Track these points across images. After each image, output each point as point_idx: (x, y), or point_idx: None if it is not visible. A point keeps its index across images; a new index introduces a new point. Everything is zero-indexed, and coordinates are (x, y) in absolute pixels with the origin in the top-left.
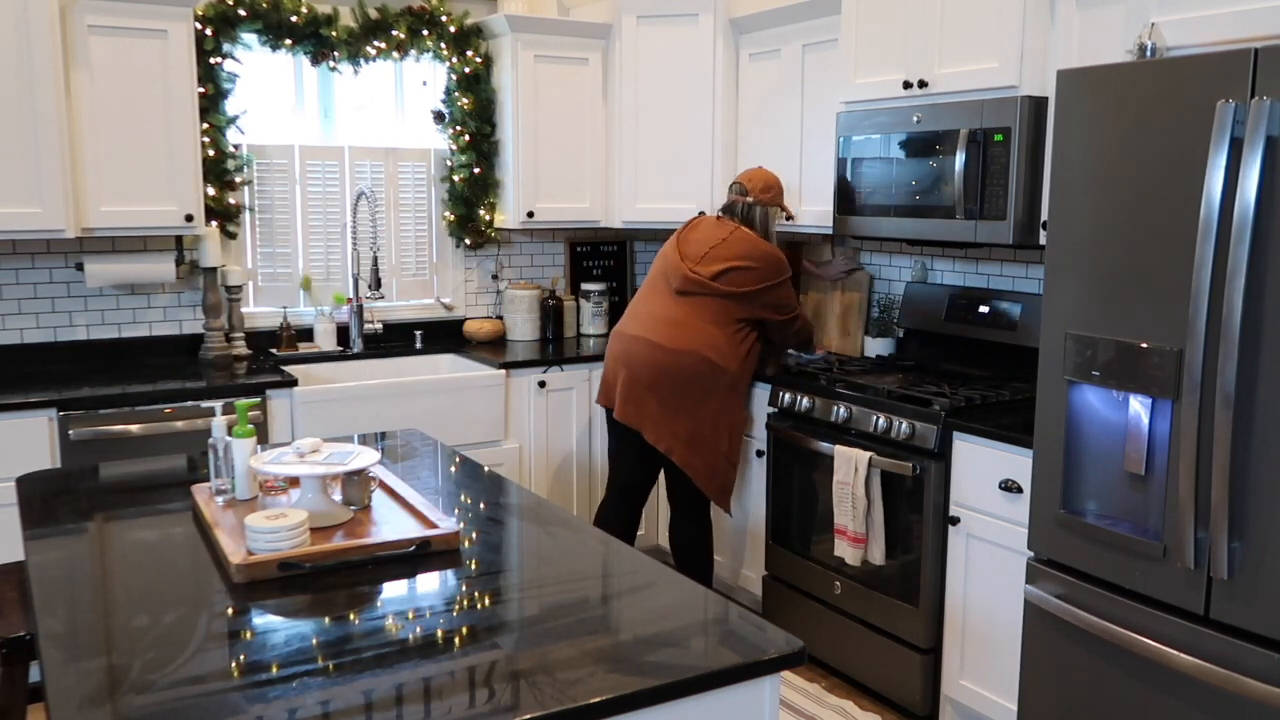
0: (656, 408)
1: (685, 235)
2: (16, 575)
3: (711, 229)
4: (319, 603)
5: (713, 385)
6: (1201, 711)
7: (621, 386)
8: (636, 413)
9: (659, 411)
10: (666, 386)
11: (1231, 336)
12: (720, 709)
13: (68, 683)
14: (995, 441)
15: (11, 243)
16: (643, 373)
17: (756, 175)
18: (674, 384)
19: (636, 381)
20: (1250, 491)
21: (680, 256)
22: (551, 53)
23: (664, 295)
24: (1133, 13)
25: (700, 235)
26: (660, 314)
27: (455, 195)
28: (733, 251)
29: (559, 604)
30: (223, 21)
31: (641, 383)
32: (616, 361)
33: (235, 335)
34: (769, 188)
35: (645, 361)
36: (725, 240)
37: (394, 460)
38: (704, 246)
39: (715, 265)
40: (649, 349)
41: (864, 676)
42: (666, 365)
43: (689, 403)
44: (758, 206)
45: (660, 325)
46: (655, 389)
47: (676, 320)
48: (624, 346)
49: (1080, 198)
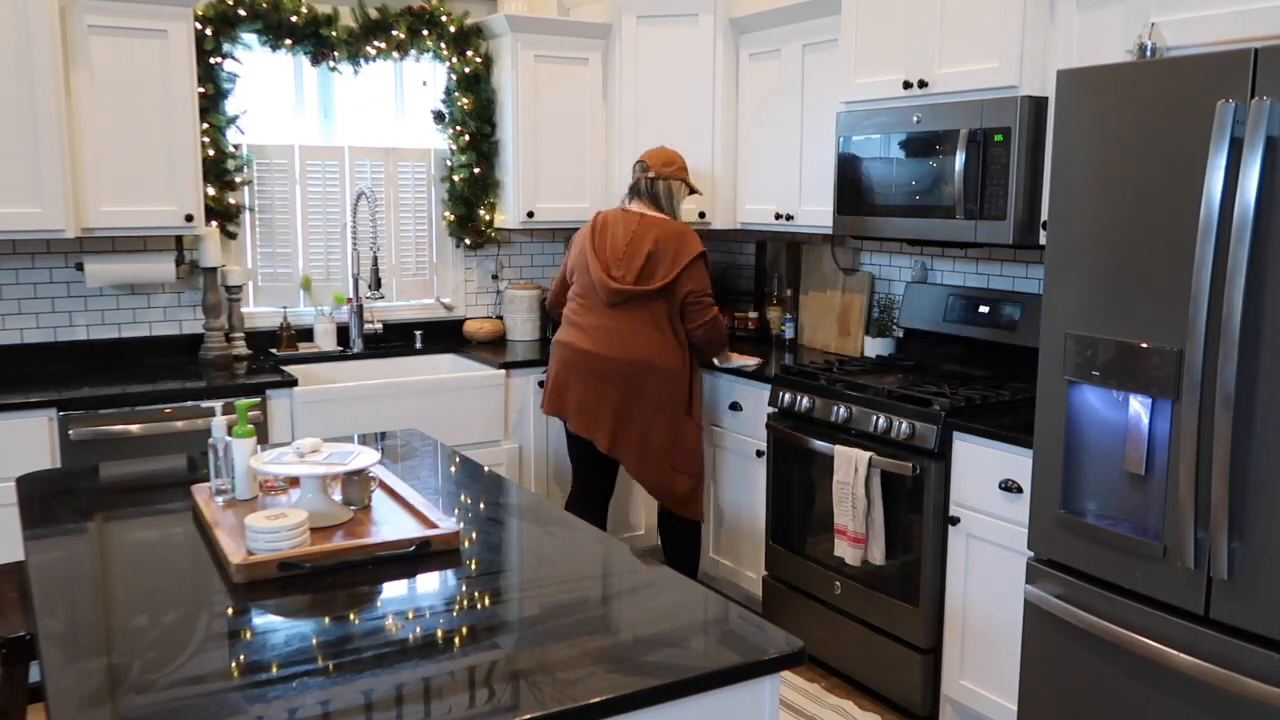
0: (610, 419)
1: (598, 241)
2: (16, 575)
3: (619, 227)
4: (319, 603)
5: (660, 391)
6: (1201, 711)
7: (574, 399)
8: (591, 424)
9: (612, 423)
10: (616, 397)
11: (1231, 336)
12: (720, 709)
13: (68, 683)
14: (995, 441)
15: (11, 243)
16: (592, 385)
17: (658, 152)
18: (623, 394)
19: (588, 394)
20: (1250, 491)
21: (599, 267)
22: (551, 53)
23: (598, 306)
24: (1133, 13)
25: (611, 237)
26: (599, 324)
27: (455, 195)
28: (644, 242)
29: (559, 604)
30: (223, 21)
31: (593, 395)
32: (566, 372)
33: (235, 335)
34: (670, 162)
35: (595, 373)
36: (635, 232)
37: (394, 460)
38: (618, 249)
39: (634, 264)
40: (597, 361)
41: (864, 676)
42: (614, 375)
43: (640, 412)
44: (660, 180)
45: (603, 336)
46: (606, 400)
47: (617, 330)
48: (571, 358)
49: (1080, 198)
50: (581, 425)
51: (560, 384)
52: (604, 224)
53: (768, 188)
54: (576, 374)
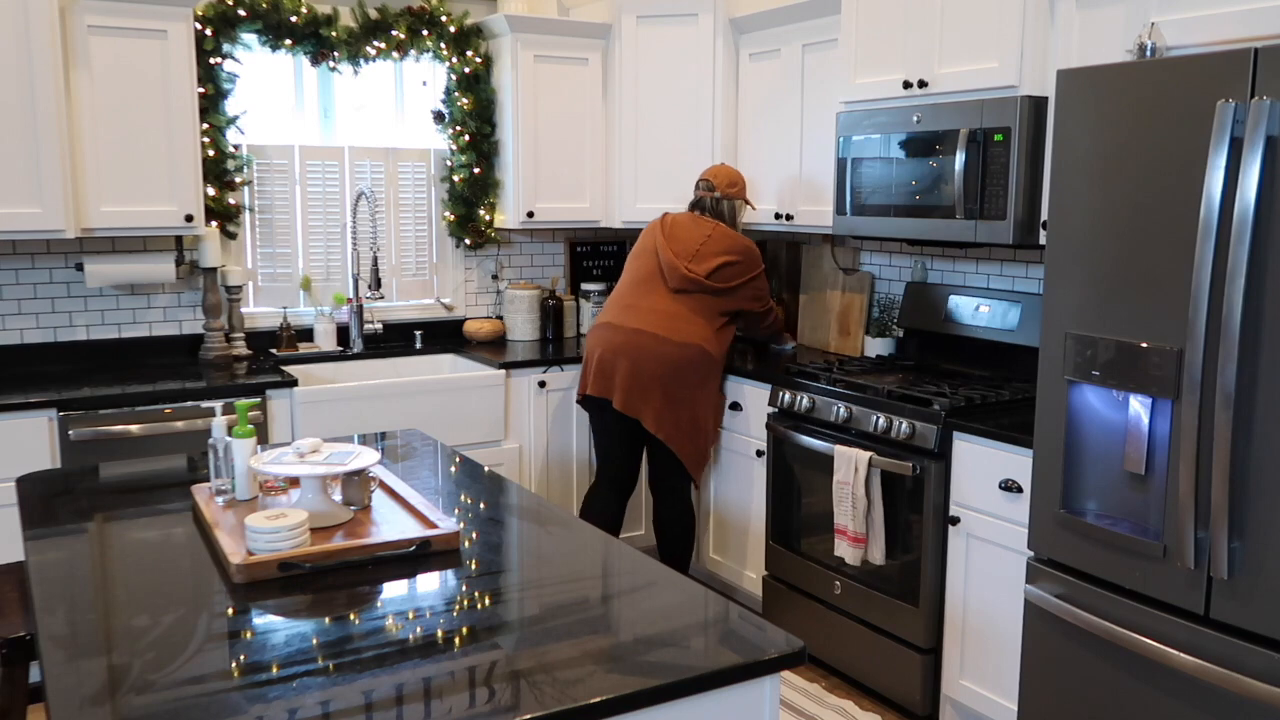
0: (660, 398)
1: (670, 233)
2: (16, 575)
3: (693, 226)
4: (319, 603)
5: (706, 375)
6: (1201, 711)
7: (623, 378)
8: (639, 403)
9: (662, 402)
10: (671, 378)
11: (1231, 336)
12: (720, 709)
13: (68, 683)
14: (995, 441)
15: (11, 243)
16: (647, 365)
17: (721, 171)
18: (677, 375)
19: (640, 373)
20: (1250, 491)
21: (673, 254)
22: (551, 53)
23: (659, 290)
24: (1133, 13)
25: (685, 233)
26: (660, 308)
27: (455, 195)
28: (719, 247)
29: (559, 604)
30: (223, 21)
31: (646, 374)
32: (614, 352)
33: (235, 335)
34: (734, 183)
35: (650, 354)
36: (710, 237)
37: (394, 460)
38: (693, 244)
39: (708, 262)
40: (654, 342)
41: (864, 676)
42: (672, 358)
43: (687, 393)
44: (725, 200)
45: (662, 319)
46: (660, 381)
47: (676, 314)
48: (622, 339)
49: (1080, 198)
50: (628, 404)
51: (608, 364)
52: (674, 222)
53: (768, 188)
54: (628, 354)
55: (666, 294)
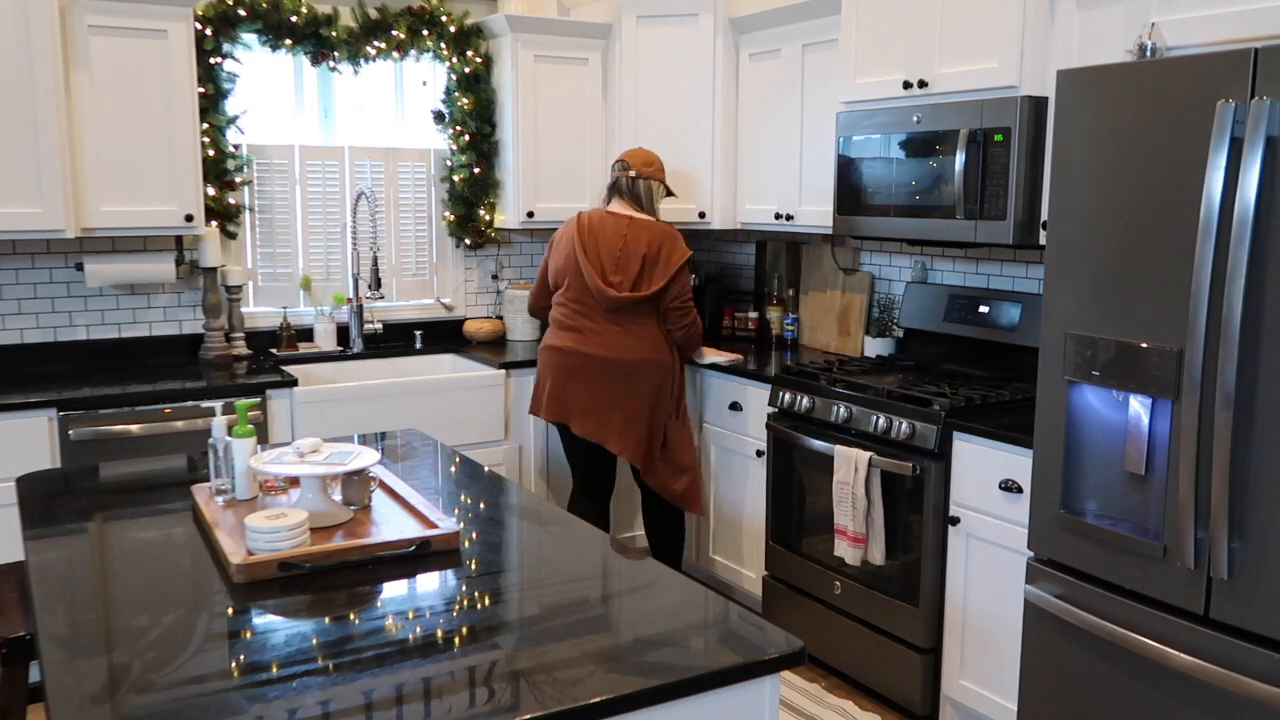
0: (621, 420)
1: (587, 245)
2: (16, 575)
3: (607, 229)
4: (319, 603)
5: (661, 390)
6: (1201, 711)
7: (579, 403)
8: (600, 428)
9: (623, 423)
10: (625, 399)
11: (1231, 336)
12: (720, 709)
13: (68, 683)
14: (995, 441)
15: (11, 243)
16: (599, 388)
17: (637, 152)
18: (630, 395)
19: (596, 397)
20: (1250, 491)
21: (595, 275)
22: (551, 53)
23: (594, 312)
24: (1133, 13)
25: (603, 238)
26: (600, 328)
27: (455, 195)
28: (637, 246)
29: (559, 604)
30: (223, 21)
31: (601, 398)
32: (566, 377)
33: (235, 335)
34: (649, 163)
35: (601, 376)
36: (627, 234)
37: (394, 460)
38: (612, 253)
39: (630, 270)
40: (603, 364)
41: (864, 676)
42: (621, 376)
43: (644, 413)
44: (640, 180)
45: (605, 340)
46: (616, 403)
47: (619, 333)
48: (573, 363)
49: (1080, 198)
50: (589, 429)
51: (560, 389)
52: (590, 226)
53: (768, 188)
54: (579, 378)
55: (600, 314)
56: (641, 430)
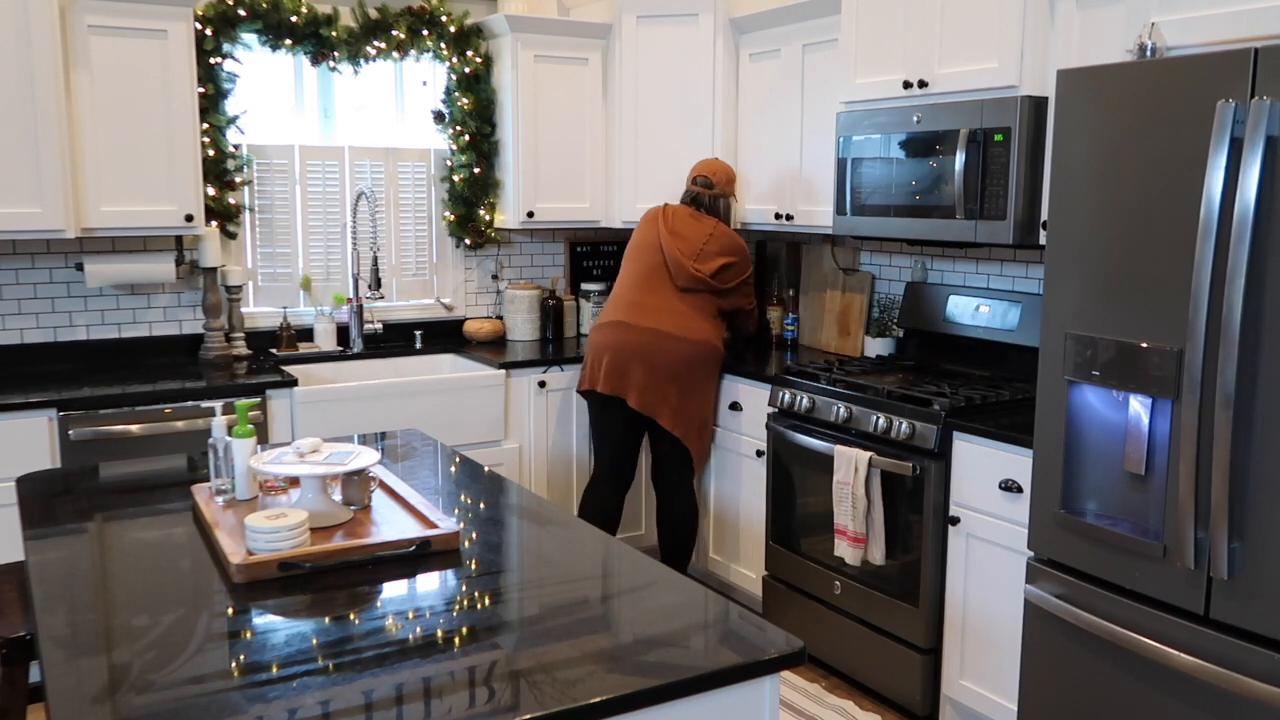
0: (677, 396)
1: (673, 228)
2: (16, 575)
3: (693, 223)
4: (319, 603)
5: (713, 371)
6: (1201, 711)
7: (639, 377)
8: (657, 402)
9: (679, 399)
10: (687, 375)
11: (1231, 336)
12: (720, 709)
13: (68, 683)
14: (995, 441)
15: (11, 243)
16: (663, 363)
17: (719, 168)
18: (691, 372)
19: (657, 372)
20: (1250, 491)
21: (679, 252)
22: (551, 53)
23: (666, 287)
24: (1133, 13)
25: (689, 230)
26: (669, 306)
27: (455, 195)
28: (720, 247)
29: (559, 604)
30: (223, 21)
31: (663, 373)
32: (628, 352)
33: (235, 335)
34: (731, 180)
35: (666, 353)
36: (713, 236)
37: (394, 460)
38: (697, 243)
39: (712, 262)
40: (669, 341)
41: (864, 676)
42: (688, 355)
43: (699, 389)
44: (722, 199)
45: (673, 317)
46: (677, 379)
47: (685, 312)
48: (636, 338)
49: (1080, 198)
50: (645, 404)
51: (622, 364)
52: (675, 216)
53: (768, 188)
54: (641, 354)
55: (674, 291)
56: (694, 410)
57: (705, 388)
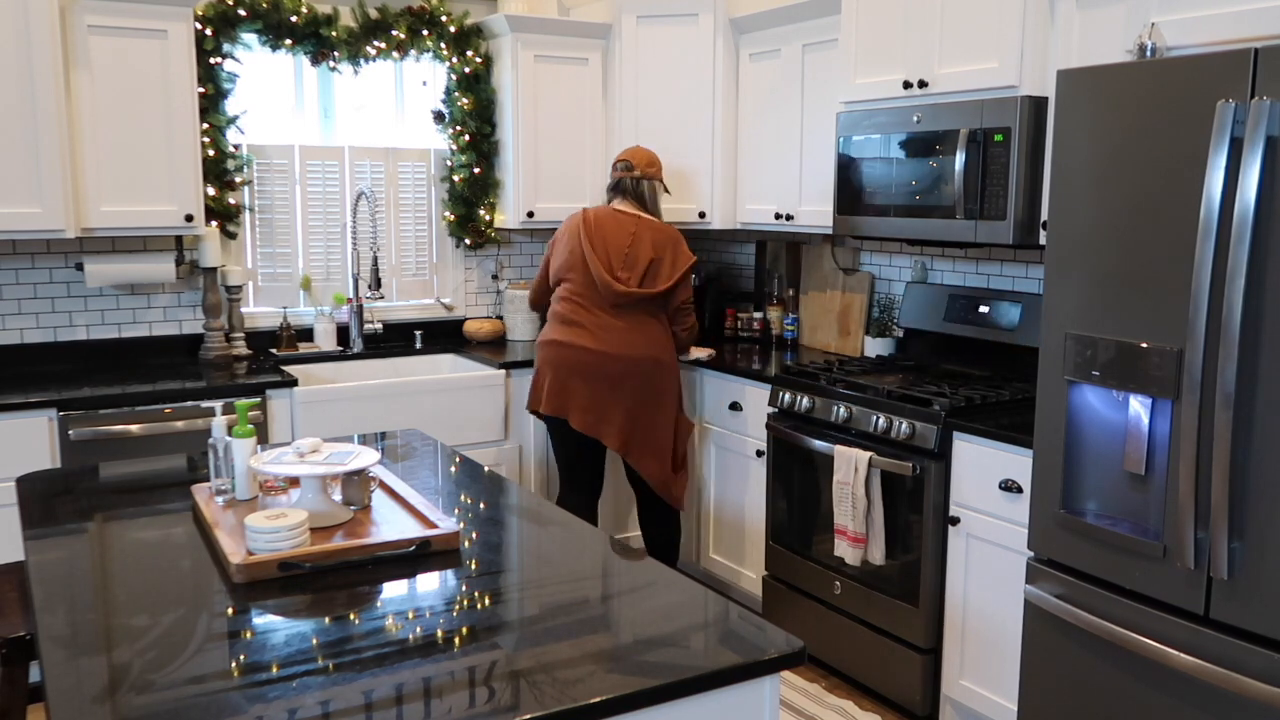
0: (622, 417)
1: (594, 240)
2: (16, 575)
3: (615, 226)
4: (319, 603)
5: (665, 387)
6: (1201, 711)
7: (580, 399)
8: (598, 422)
9: (624, 420)
10: (628, 396)
11: (1231, 336)
12: (720, 709)
13: (68, 683)
14: (995, 441)
15: (11, 243)
16: (602, 384)
17: (639, 152)
18: (634, 391)
19: (598, 393)
20: (1250, 491)
21: (602, 269)
22: (551, 53)
23: (599, 306)
24: (1133, 13)
25: (610, 236)
26: (605, 323)
27: (455, 195)
28: (644, 246)
29: (559, 604)
30: (223, 21)
31: (603, 394)
32: (568, 371)
33: (235, 335)
34: (652, 163)
35: (603, 372)
36: (636, 234)
37: (394, 460)
38: (620, 248)
39: (638, 267)
40: (607, 361)
41: (864, 676)
42: (628, 374)
43: (648, 408)
44: (645, 180)
45: (610, 335)
46: (618, 400)
47: (623, 328)
48: (574, 357)
49: (1080, 198)
50: (588, 424)
51: (561, 383)
52: (597, 222)
53: (768, 188)
54: (581, 374)
55: (607, 309)
56: (643, 428)
57: (656, 405)
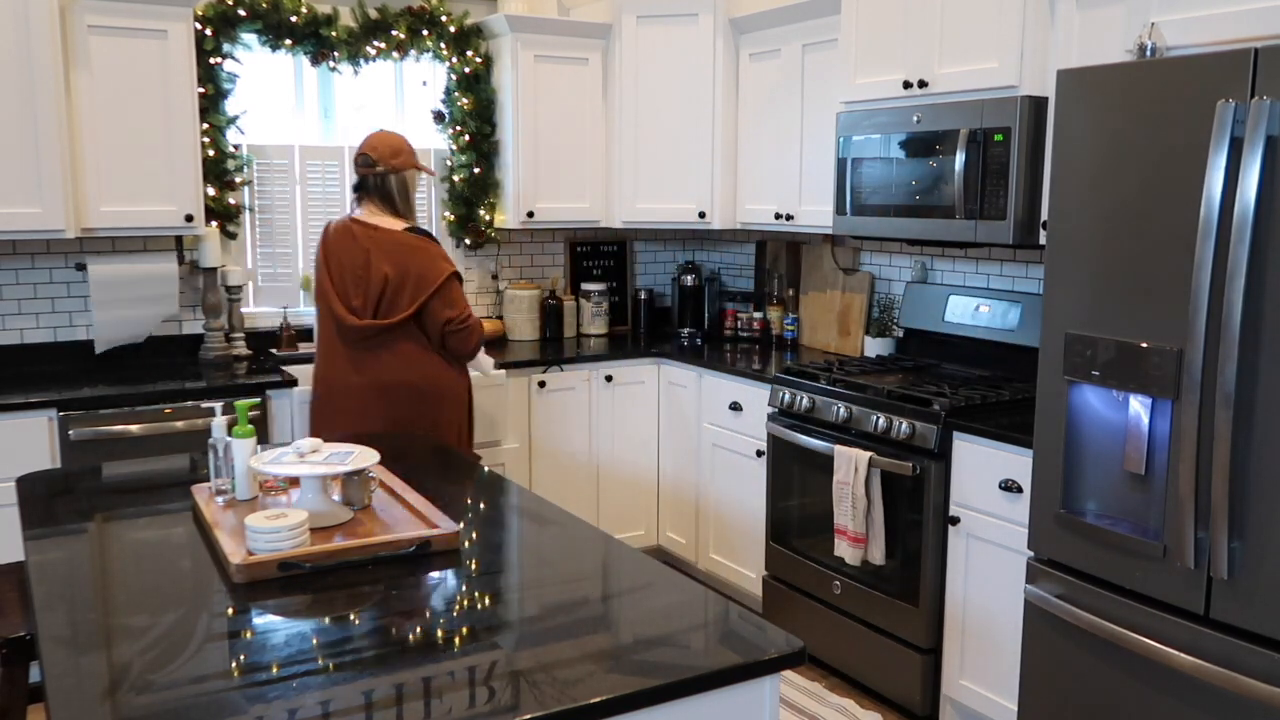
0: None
1: (331, 265)
2: (16, 575)
3: (350, 246)
4: (319, 603)
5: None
6: (1201, 711)
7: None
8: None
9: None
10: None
11: (1231, 336)
12: (720, 709)
13: (68, 683)
14: (995, 441)
15: (11, 243)
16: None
17: (380, 140)
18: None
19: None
20: (1250, 491)
21: (338, 300)
22: (551, 53)
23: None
24: (1133, 13)
25: (346, 258)
26: (354, 355)
27: (455, 195)
28: (378, 266)
29: (559, 604)
30: (223, 21)
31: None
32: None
33: (235, 335)
34: (398, 151)
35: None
36: (369, 253)
37: (394, 460)
38: (354, 273)
39: (371, 292)
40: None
41: (864, 676)
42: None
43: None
44: (391, 175)
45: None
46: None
47: (371, 358)
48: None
49: (1080, 198)
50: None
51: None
52: (332, 242)
53: (768, 188)
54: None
55: (351, 345)
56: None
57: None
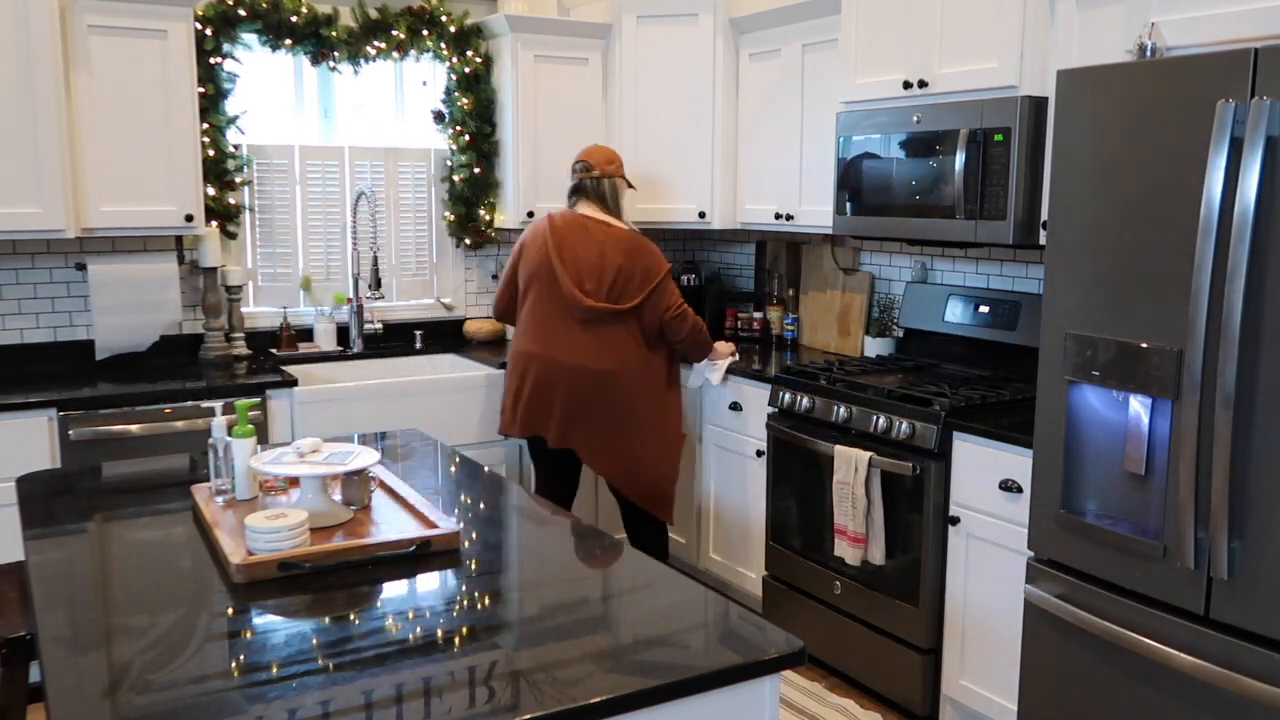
0: (598, 433)
1: (561, 252)
2: (16, 575)
3: (580, 236)
4: (319, 603)
5: (637, 401)
6: (1201, 711)
7: (560, 415)
8: (582, 441)
9: (600, 437)
10: (601, 408)
11: (1231, 336)
12: (720, 709)
13: (68, 682)
14: (995, 441)
15: (11, 243)
16: (580, 401)
17: (596, 151)
18: (606, 405)
19: (568, 405)
20: (1250, 491)
21: (571, 283)
22: (551, 53)
23: (567, 317)
24: (1133, 13)
25: (580, 247)
26: (576, 337)
27: (455, 195)
28: (612, 258)
29: (559, 604)
30: (223, 21)
31: (573, 406)
32: (546, 388)
33: (235, 335)
34: (611, 160)
35: (574, 383)
36: (602, 246)
37: (394, 460)
38: (588, 262)
39: (605, 280)
40: (577, 373)
41: (864, 676)
42: (596, 385)
43: (621, 424)
44: (606, 179)
45: (581, 348)
46: (587, 411)
47: (592, 341)
48: (548, 369)
49: (1080, 198)
50: (561, 437)
51: (540, 399)
52: (563, 234)
53: (768, 188)
54: (552, 388)
55: (573, 321)
56: (626, 447)
57: (632, 424)
